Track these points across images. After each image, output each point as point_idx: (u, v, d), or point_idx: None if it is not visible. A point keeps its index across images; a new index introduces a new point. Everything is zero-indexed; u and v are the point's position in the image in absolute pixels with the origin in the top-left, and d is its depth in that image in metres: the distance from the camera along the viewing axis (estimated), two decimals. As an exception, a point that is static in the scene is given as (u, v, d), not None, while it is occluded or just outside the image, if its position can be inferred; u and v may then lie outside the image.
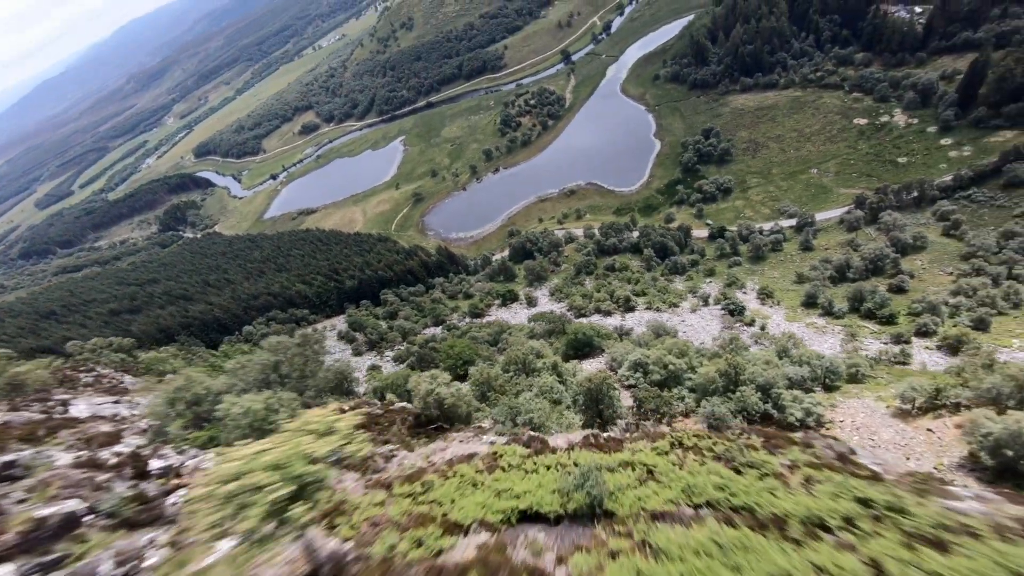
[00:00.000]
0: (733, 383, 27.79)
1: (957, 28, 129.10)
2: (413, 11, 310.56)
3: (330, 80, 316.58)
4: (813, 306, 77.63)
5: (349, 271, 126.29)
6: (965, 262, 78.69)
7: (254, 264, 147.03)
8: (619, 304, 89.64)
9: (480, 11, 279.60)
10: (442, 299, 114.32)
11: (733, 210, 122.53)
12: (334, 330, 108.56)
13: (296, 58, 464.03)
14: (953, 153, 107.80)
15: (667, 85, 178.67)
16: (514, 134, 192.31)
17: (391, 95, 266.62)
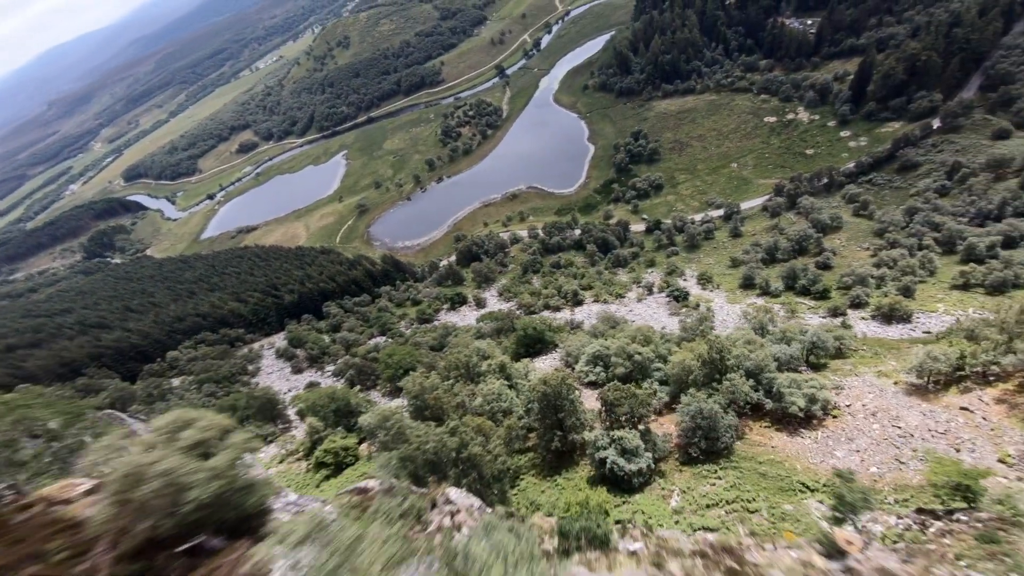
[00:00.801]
0: (718, 371, 20.98)
1: (843, 36, 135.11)
2: (349, 30, 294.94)
3: (267, 99, 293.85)
4: (751, 287, 74.77)
5: (288, 285, 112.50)
6: (879, 237, 78.90)
7: (184, 285, 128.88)
8: (567, 299, 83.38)
9: (415, 29, 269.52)
10: (389, 307, 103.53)
11: (666, 204, 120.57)
12: (272, 348, 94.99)
13: (233, 79, 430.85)
14: (852, 143, 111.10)
15: (596, 94, 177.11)
16: (455, 144, 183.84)
17: (331, 111, 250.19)
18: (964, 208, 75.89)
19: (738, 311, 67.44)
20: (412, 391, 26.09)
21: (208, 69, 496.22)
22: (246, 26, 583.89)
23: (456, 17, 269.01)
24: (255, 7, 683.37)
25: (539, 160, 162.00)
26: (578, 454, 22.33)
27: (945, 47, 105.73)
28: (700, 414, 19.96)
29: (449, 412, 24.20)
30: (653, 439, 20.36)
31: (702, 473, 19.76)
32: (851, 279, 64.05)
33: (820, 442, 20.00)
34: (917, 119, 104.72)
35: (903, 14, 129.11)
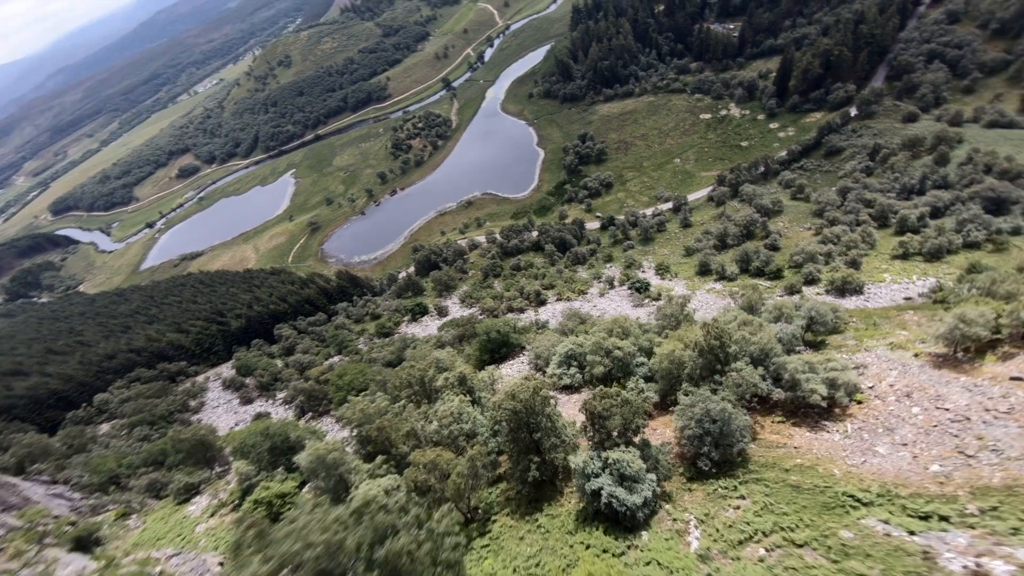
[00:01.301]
0: (718, 360, 16.50)
1: (763, 37, 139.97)
2: (290, 49, 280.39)
3: (207, 121, 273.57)
4: (708, 273, 73.02)
5: (236, 310, 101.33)
6: (818, 217, 79.55)
7: (118, 320, 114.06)
8: (531, 299, 78.72)
9: (358, 47, 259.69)
10: (346, 324, 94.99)
11: (617, 201, 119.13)
12: (219, 379, 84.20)
13: (171, 104, 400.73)
14: (781, 134, 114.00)
15: (541, 101, 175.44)
16: (407, 156, 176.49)
17: (276, 131, 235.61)
18: (890, 184, 77.89)
19: (700, 297, 65.23)
20: (353, 419, 20.20)
21: (143, 95, 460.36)
22: (183, 51, 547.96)
23: (399, 34, 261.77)
24: (192, 31, 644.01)
25: (492, 167, 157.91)
26: (561, 480, 17.36)
27: (853, 42, 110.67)
28: (708, 416, 15.51)
29: (397, 443, 18.56)
30: (655, 455, 15.64)
31: (718, 492, 15.25)
32: (801, 257, 63.26)
33: (853, 436, 16.03)
34: (836, 108, 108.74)
35: (813, 16, 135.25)
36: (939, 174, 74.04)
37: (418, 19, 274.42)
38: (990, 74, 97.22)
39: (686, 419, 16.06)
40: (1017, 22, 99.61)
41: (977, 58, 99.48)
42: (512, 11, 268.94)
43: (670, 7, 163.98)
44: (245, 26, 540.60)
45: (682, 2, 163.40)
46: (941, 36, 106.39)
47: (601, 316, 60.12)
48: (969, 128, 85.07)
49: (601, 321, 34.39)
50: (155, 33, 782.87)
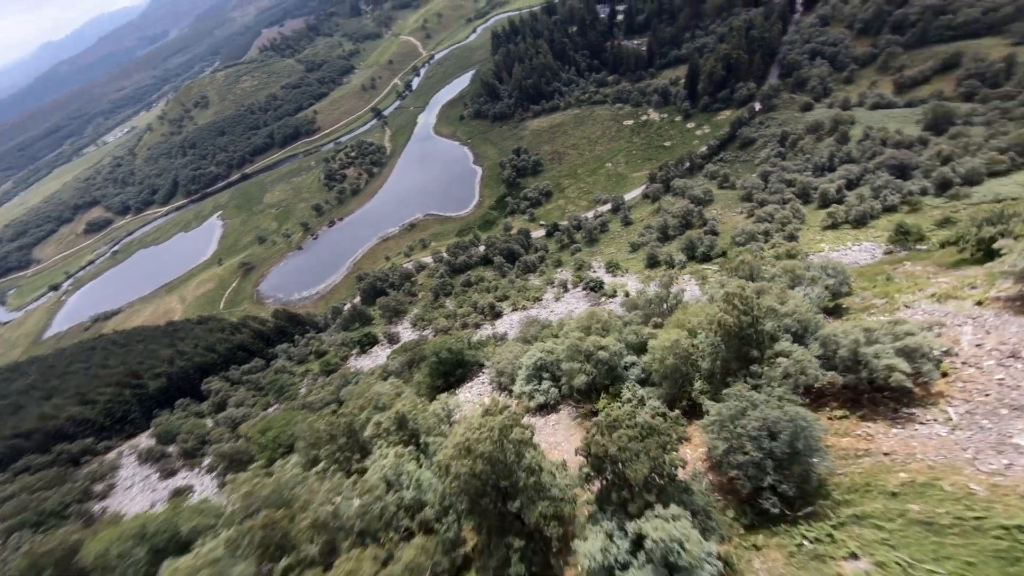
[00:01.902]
0: (754, 343, 10.97)
1: (668, 49, 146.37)
2: (206, 89, 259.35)
3: (118, 170, 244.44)
4: (656, 264, 70.54)
5: (155, 369, 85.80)
6: (747, 201, 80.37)
7: (7, 400, 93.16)
8: (485, 313, 72.19)
9: (280, 83, 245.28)
10: (288, 367, 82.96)
11: (558, 208, 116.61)
12: (134, 452, 69.19)
13: (76, 157, 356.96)
14: (698, 132, 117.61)
15: (472, 121, 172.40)
16: (342, 186, 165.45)
17: (197, 173, 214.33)
18: (803, 165, 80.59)
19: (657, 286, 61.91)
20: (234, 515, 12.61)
21: (42, 150, 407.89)
22: (88, 101, 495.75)
23: (322, 68, 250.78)
24: (99, 80, 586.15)
25: (431, 188, 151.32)
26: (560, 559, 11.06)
27: (747, 46, 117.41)
28: (768, 429, 9.97)
29: (300, 542, 11.37)
30: (701, 505, 9.71)
31: (807, 549, 9.53)
32: (742, 238, 62.16)
33: (966, 426, 11.14)
34: (742, 105, 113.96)
35: (708, 27, 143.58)
36: (843, 151, 77.43)
37: (340, 54, 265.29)
38: (863, 66, 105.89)
39: (732, 437, 10.45)
40: (876, 22, 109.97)
41: (850, 53, 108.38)
42: (434, 42, 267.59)
43: (582, 28, 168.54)
44: (158, 72, 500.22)
45: (592, 22, 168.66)
46: (818, 37, 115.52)
47: (569, 315, 54.81)
48: (857, 111, 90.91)
49: (571, 320, 28.73)
50: (56, 86, 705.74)
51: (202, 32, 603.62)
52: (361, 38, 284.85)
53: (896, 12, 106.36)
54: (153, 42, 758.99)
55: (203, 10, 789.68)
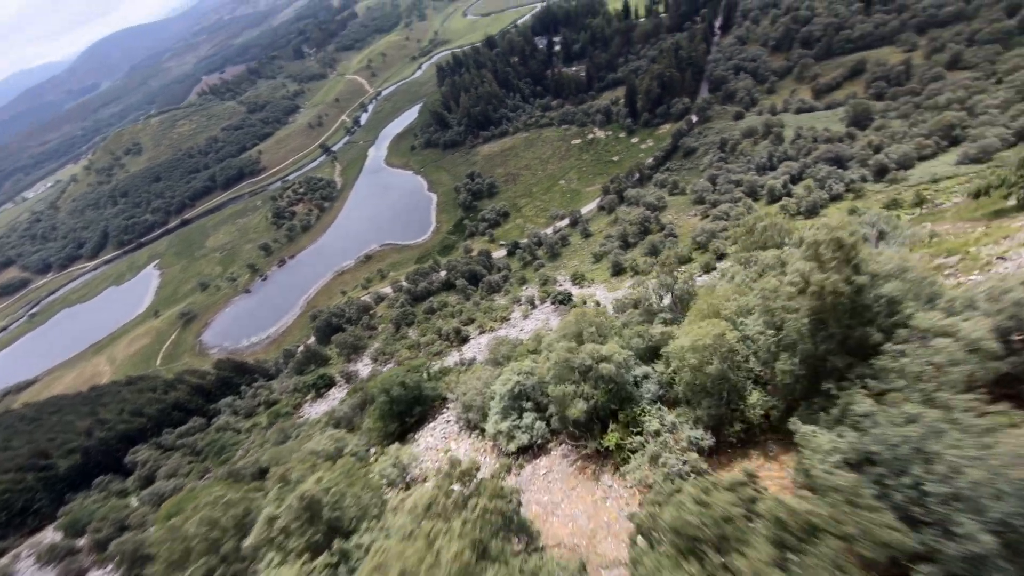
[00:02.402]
0: (870, 318, 6.07)
1: (605, 73, 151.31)
2: (139, 136, 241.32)
3: (37, 226, 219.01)
4: (622, 272, 67.58)
5: (68, 445, 71.57)
6: (700, 204, 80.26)
7: None
8: (451, 339, 65.75)
9: (221, 125, 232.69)
10: (232, 423, 71.61)
11: (517, 227, 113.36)
12: (35, 551, 55.41)
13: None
14: (643, 146, 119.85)
15: (424, 151, 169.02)
16: (291, 223, 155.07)
17: (130, 223, 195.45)
18: (746, 166, 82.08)
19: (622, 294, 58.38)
20: None
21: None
22: (5, 156, 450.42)
23: (266, 109, 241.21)
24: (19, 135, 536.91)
25: (387, 218, 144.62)
26: None
27: (678, 65, 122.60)
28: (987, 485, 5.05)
29: None
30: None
31: None
32: (704, 237, 60.40)
33: None
34: (679, 118, 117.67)
35: (639, 52, 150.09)
36: (780, 151, 79.51)
37: (285, 94, 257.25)
38: (781, 77, 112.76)
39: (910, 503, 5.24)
40: (786, 39, 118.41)
41: (769, 67, 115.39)
42: (380, 79, 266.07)
43: (523, 58, 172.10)
44: (88, 124, 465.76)
45: (532, 52, 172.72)
46: (739, 54, 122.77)
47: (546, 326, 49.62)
48: (785, 116, 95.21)
49: (550, 331, 23.50)
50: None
51: (136, 82, 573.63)
52: (305, 79, 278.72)
53: (803, 29, 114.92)
54: (82, 95, 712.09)
55: (136, 62, 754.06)
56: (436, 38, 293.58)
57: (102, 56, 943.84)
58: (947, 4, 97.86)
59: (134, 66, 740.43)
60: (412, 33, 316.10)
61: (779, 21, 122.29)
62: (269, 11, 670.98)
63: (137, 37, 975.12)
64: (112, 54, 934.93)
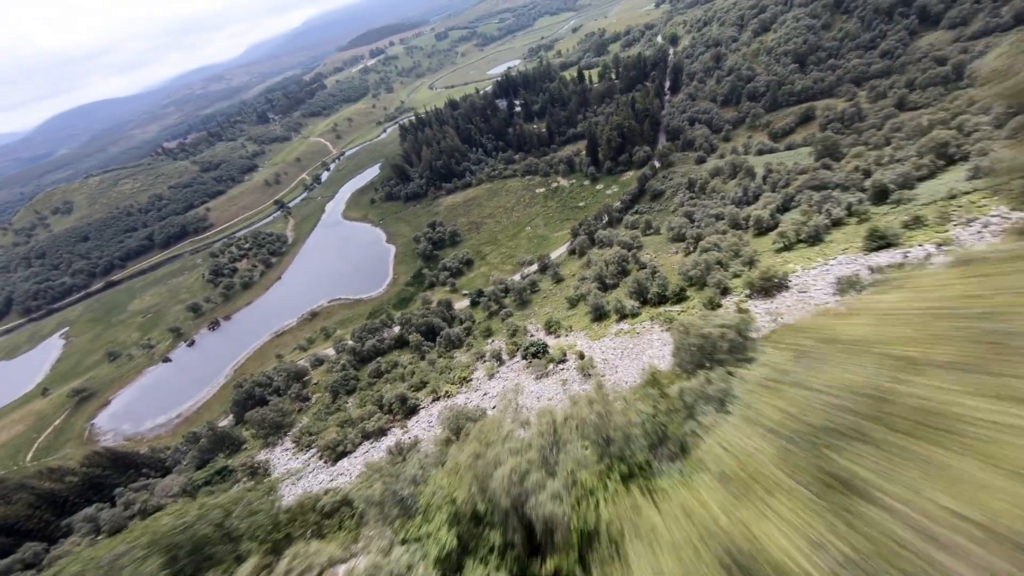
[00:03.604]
0: None
1: (565, 128, 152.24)
2: (73, 195, 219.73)
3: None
4: (604, 317, 55.69)
5: None
6: (680, 241, 72.12)
7: None
8: (395, 411, 49.78)
9: (168, 183, 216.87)
10: (77, 549, 49.32)
11: (482, 276, 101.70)
12: None
13: None
14: (608, 191, 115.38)
15: (384, 204, 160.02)
16: (230, 280, 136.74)
17: (43, 287, 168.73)
18: (722, 202, 76.00)
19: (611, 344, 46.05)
20: None
21: None
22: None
23: (220, 168, 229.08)
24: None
25: (339, 273, 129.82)
26: None
27: (635, 117, 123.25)
28: None
29: None
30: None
31: None
32: (698, 270, 50.32)
33: None
34: (641, 165, 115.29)
35: (596, 110, 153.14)
36: (754, 185, 74.29)
37: (243, 154, 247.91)
38: (735, 126, 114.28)
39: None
40: (733, 94, 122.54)
41: (722, 118, 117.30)
42: (344, 142, 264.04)
43: (484, 116, 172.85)
44: (28, 189, 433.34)
45: (494, 112, 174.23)
46: (691, 108, 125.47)
47: (494, 408, 35.60)
48: (748, 157, 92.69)
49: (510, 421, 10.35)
50: None
51: (94, 149, 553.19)
52: (267, 141, 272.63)
53: (747, 86, 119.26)
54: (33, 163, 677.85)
55: (98, 131, 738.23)
56: (402, 106, 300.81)
57: (62, 126, 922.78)
58: (874, 62, 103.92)
59: (95, 135, 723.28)
60: (379, 102, 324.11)
61: (724, 80, 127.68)
62: (242, 87, 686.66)
63: (103, 109, 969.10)
64: (74, 125, 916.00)
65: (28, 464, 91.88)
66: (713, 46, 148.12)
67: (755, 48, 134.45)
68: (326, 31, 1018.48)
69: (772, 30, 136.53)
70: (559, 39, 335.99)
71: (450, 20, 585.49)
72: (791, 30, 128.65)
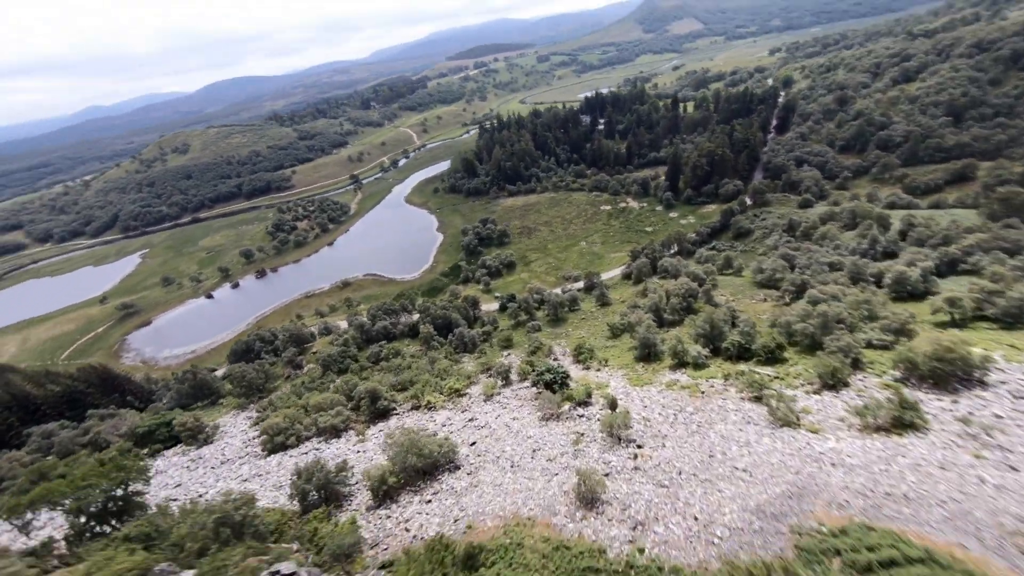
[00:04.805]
0: None
1: (647, 151, 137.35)
2: (191, 139, 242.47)
3: (61, 198, 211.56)
4: (655, 358, 40.49)
5: None
6: (766, 288, 54.73)
7: None
8: (361, 409, 38.34)
9: (268, 143, 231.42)
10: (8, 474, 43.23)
11: (520, 282, 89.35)
12: None
13: (44, 192, 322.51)
14: (683, 221, 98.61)
15: (446, 195, 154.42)
16: (287, 236, 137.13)
17: (143, 210, 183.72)
18: (836, 252, 57.22)
19: (657, 398, 31.08)
20: None
21: (18, 181, 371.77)
22: (90, 147, 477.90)
23: (315, 139, 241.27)
24: (118, 135, 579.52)
25: (385, 250, 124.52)
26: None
27: (731, 146, 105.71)
28: None
29: None
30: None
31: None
32: (807, 326, 33.74)
33: None
34: (728, 200, 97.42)
35: (685, 138, 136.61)
36: (887, 238, 54.89)
37: (338, 131, 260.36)
38: (856, 175, 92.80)
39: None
40: (858, 140, 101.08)
41: (840, 163, 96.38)
42: (429, 136, 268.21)
43: (564, 127, 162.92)
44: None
45: (575, 124, 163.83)
46: (801, 148, 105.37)
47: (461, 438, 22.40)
48: (874, 207, 72.11)
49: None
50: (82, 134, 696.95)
51: (231, 112, 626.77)
52: (363, 123, 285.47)
53: (879, 133, 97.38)
54: (188, 116, 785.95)
55: (241, 100, 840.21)
56: (490, 113, 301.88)
57: (217, 92, 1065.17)
58: (1066, 124, 78.54)
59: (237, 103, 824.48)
60: (470, 107, 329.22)
61: (848, 124, 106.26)
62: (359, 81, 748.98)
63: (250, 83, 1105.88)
64: (227, 92, 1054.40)
65: (60, 362, 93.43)
66: (837, 89, 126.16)
67: (892, 96, 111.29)
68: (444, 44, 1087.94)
69: (919, 79, 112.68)
70: (658, 74, 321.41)
71: (554, 46, 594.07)
72: (945, 80, 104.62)
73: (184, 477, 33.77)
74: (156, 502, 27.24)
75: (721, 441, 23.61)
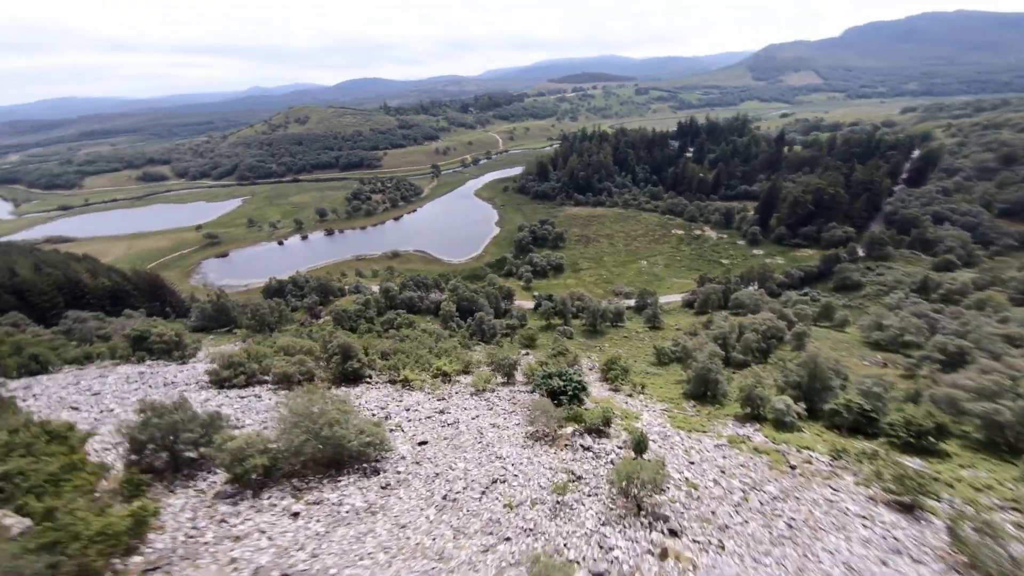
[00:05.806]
0: None
1: (736, 183, 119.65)
2: (311, 113, 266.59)
3: (202, 146, 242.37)
4: (711, 399, 27.87)
5: None
6: (886, 350, 38.57)
7: None
8: (330, 364, 30.62)
9: (372, 127, 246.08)
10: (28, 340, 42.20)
11: (564, 287, 78.51)
12: None
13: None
14: (768, 260, 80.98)
15: (515, 195, 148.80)
16: (360, 204, 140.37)
17: (258, 164, 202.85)
18: (1002, 324, 39.17)
19: (713, 455, 18.71)
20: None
21: (183, 131, 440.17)
22: (251, 109, 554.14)
23: (412, 129, 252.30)
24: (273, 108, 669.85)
25: (441, 232, 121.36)
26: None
27: (847, 187, 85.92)
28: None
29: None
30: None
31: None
32: (1007, 405, 19.36)
33: None
34: (832, 245, 78.13)
35: (787, 175, 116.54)
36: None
37: (433, 126, 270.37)
38: (1022, 247, 68.89)
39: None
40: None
41: (997, 228, 72.79)
42: (514, 143, 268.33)
43: (649, 148, 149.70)
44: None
45: (661, 146, 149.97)
46: (942, 203, 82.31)
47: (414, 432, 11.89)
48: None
49: None
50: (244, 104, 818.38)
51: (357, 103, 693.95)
52: (457, 123, 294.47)
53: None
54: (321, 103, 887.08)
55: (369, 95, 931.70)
56: (578, 133, 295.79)
57: (350, 88, 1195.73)
58: None
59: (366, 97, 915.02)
60: (559, 124, 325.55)
61: (1015, 186, 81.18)
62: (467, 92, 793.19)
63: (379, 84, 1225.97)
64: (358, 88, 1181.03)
65: (146, 268, 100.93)
66: (1002, 147, 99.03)
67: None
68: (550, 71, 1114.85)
69: None
70: (763, 119, 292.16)
71: (655, 82, 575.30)
72: None
73: (112, 388, 28.25)
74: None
75: (826, 558, 11.53)
